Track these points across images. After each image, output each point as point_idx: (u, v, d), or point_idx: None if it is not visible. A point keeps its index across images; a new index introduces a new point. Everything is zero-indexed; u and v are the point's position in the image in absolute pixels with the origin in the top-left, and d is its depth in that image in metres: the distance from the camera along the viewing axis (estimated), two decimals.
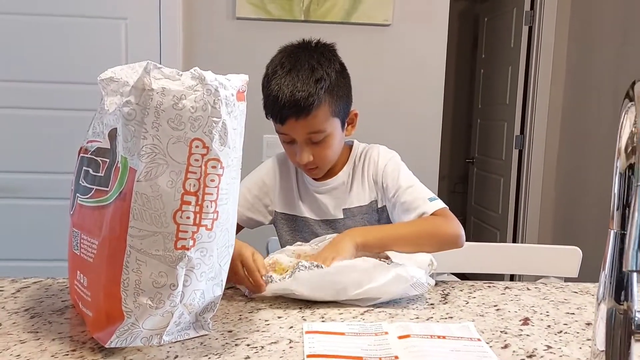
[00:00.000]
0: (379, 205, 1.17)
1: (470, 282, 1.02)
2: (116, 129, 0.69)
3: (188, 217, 0.67)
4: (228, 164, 0.70)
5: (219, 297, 0.75)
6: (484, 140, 3.50)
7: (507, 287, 0.98)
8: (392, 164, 1.16)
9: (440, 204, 1.08)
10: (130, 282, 0.66)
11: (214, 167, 0.68)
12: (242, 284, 0.91)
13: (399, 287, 0.87)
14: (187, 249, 0.67)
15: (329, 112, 1.06)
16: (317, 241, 1.02)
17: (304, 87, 1.02)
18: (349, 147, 1.21)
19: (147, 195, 0.66)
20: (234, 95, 0.70)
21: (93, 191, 0.72)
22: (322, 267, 0.88)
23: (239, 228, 1.17)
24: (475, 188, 3.65)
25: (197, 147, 0.67)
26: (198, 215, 0.68)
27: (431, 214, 1.06)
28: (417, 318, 0.83)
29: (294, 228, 1.19)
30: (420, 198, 1.09)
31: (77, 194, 0.76)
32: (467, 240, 1.07)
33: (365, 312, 0.85)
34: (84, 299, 0.73)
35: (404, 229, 1.03)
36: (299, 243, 1.04)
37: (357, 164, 1.19)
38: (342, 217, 1.17)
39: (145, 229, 0.66)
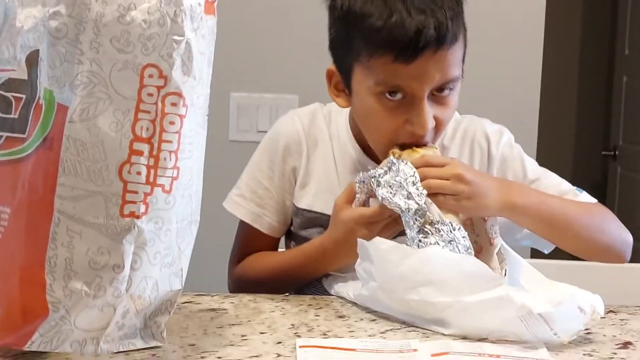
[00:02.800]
0: None
1: None
2: (38, 51, 0.82)
3: (139, 173, 0.80)
4: (193, 102, 0.84)
5: (178, 295, 0.88)
6: (637, 115, 3.52)
7: (611, 311, 1.10)
8: (510, 147, 1.31)
9: (593, 199, 1.27)
10: (58, 262, 0.80)
11: (174, 104, 0.81)
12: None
13: (497, 316, 0.92)
14: (138, 217, 0.81)
15: (464, 48, 1.17)
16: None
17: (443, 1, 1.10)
18: None
19: (82, 142, 0.79)
20: (201, 6, 0.83)
21: (2, 140, 0.85)
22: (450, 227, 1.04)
23: (270, 241, 1.33)
24: (619, 200, 3.68)
25: (151, 76, 0.80)
26: (152, 171, 0.81)
27: None
28: (465, 339, 0.95)
29: None
30: (566, 191, 1.26)
31: None
32: None
33: (387, 330, 0.99)
34: None
35: (574, 208, 1.20)
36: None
37: (447, 142, 1.30)
38: None
39: (80, 188, 0.79)
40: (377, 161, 1.20)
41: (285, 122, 1.35)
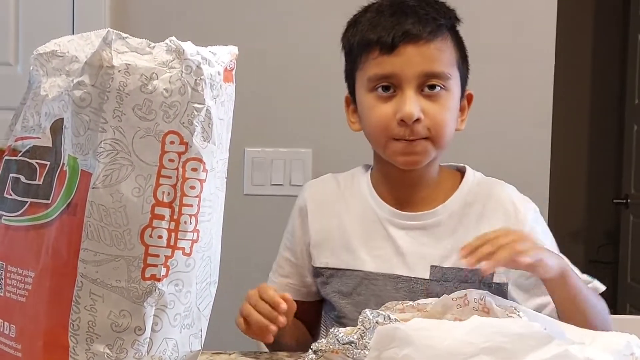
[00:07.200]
0: (497, 280, 1.26)
1: None
2: (62, 119, 0.85)
3: (160, 237, 0.82)
4: (212, 167, 0.86)
5: (197, 356, 0.90)
6: None
7: None
8: (540, 223, 1.32)
9: (599, 286, 1.27)
10: (81, 325, 0.81)
11: (194, 169, 0.84)
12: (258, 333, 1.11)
13: None
14: (159, 280, 0.83)
15: (455, 53, 1.29)
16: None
17: (427, 7, 1.26)
18: (457, 170, 1.36)
19: (105, 207, 0.82)
20: (220, 75, 0.87)
21: (26, 205, 0.88)
22: None
23: (308, 306, 1.37)
24: (632, 248, 3.66)
25: (172, 142, 0.83)
26: (173, 234, 0.83)
27: None
28: None
29: (345, 292, 1.31)
30: (581, 277, 1.24)
31: (0, 212, 0.90)
32: None
33: None
34: (8, 357, 0.86)
35: (591, 295, 1.22)
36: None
37: (472, 199, 1.31)
38: (426, 277, 1.27)
39: (102, 252, 0.82)
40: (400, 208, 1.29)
41: (300, 193, 1.43)
